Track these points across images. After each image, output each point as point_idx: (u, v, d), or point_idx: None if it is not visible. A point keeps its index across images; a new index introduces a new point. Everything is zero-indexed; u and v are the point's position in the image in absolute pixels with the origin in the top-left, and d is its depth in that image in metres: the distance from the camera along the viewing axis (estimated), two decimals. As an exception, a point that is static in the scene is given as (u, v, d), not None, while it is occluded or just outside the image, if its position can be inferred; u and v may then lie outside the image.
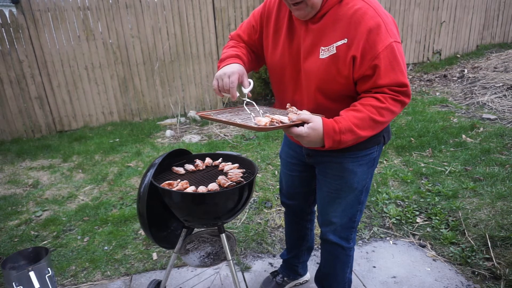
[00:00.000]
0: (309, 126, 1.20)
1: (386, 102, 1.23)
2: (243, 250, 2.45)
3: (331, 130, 1.21)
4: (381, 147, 1.50)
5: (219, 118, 1.36)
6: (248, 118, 1.35)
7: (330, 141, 1.22)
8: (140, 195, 1.55)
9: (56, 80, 5.29)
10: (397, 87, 1.23)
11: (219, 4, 5.65)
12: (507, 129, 4.06)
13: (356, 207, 1.56)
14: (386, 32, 1.20)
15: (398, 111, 1.27)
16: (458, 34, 7.45)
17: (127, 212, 2.91)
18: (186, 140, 4.65)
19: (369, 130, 1.25)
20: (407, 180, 3.19)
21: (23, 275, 1.88)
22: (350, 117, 1.22)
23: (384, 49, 1.19)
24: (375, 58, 1.19)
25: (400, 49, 1.23)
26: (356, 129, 1.22)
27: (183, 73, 5.81)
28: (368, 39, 1.19)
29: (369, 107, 1.23)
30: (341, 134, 1.21)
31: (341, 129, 1.21)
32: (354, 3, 1.24)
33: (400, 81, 1.22)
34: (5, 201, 3.27)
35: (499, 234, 2.34)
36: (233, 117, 1.38)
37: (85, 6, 5.19)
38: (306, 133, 1.20)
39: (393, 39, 1.21)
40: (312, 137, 1.21)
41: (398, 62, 1.21)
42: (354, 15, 1.22)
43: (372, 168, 1.51)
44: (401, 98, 1.25)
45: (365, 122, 1.22)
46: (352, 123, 1.21)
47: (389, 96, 1.23)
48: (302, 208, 1.87)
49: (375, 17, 1.20)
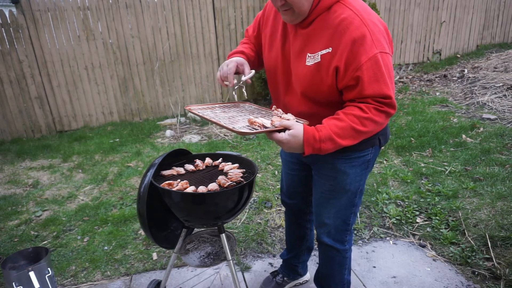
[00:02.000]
0: (290, 133, 1.21)
1: (369, 112, 1.22)
2: (243, 250, 2.45)
3: (311, 138, 1.22)
4: (377, 149, 1.49)
5: (204, 115, 1.38)
6: (236, 117, 1.36)
7: (310, 148, 1.23)
8: (140, 195, 1.55)
9: (56, 80, 5.29)
10: (381, 98, 1.22)
11: (219, 4, 5.65)
12: (507, 129, 4.05)
13: (350, 210, 1.55)
14: (372, 42, 1.18)
15: (382, 121, 1.26)
16: (458, 34, 7.45)
17: (127, 212, 2.91)
18: (186, 140, 4.65)
19: (350, 140, 1.25)
20: (407, 180, 3.19)
21: (23, 275, 1.88)
22: (332, 126, 1.23)
23: (367, 60, 1.17)
24: (358, 69, 1.18)
25: (386, 59, 1.21)
26: (336, 138, 1.22)
27: (183, 73, 5.81)
28: (352, 50, 1.18)
29: (351, 117, 1.22)
30: (321, 143, 1.22)
31: (321, 138, 1.22)
32: (341, 11, 1.23)
33: (384, 92, 1.21)
34: (5, 201, 3.27)
35: (499, 234, 2.34)
36: (221, 115, 1.42)
37: (85, 6, 5.19)
38: (286, 140, 1.21)
39: (379, 50, 1.18)
40: (292, 143, 1.22)
41: (382, 73, 1.19)
42: (340, 24, 1.21)
43: (366, 170, 1.50)
44: (385, 109, 1.24)
45: (346, 131, 1.22)
46: (333, 132, 1.22)
47: (372, 106, 1.22)
48: (302, 207, 1.88)
49: (361, 27, 1.18)
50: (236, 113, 1.47)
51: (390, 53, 1.25)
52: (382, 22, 1.29)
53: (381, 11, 6.44)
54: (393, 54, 1.32)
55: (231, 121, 1.33)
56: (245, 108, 1.56)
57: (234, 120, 1.35)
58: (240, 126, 1.27)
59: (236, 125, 1.27)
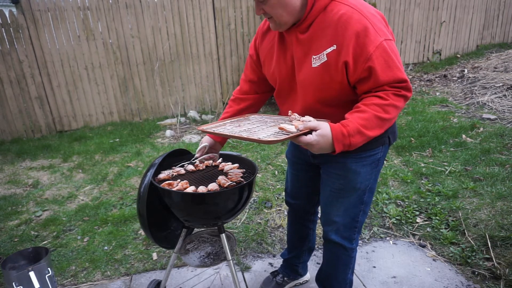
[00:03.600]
0: (318, 133, 1.19)
1: (389, 98, 1.22)
2: (243, 250, 2.45)
3: (340, 135, 1.20)
4: (387, 148, 1.49)
5: (224, 132, 1.34)
6: (251, 129, 1.35)
7: (341, 145, 1.21)
8: (140, 195, 1.55)
9: (56, 80, 5.29)
10: (397, 83, 1.22)
11: (219, 4, 5.65)
12: (507, 129, 4.05)
13: (359, 207, 1.55)
14: (375, 32, 1.19)
15: (402, 105, 1.26)
16: (458, 34, 7.45)
17: (127, 212, 2.91)
18: (186, 140, 4.65)
19: (377, 129, 1.24)
20: (407, 180, 3.19)
21: (23, 275, 1.88)
22: (356, 119, 1.22)
23: (375, 49, 1.18)
24: (368, 60, 1.19)
25: (392, 45, 1.22)
26: (364, 130, 1.21)
27: (183, 73, 5.81)
28: (358, 42, 1.19)
29: (373, 106, 1.22)
30: (350, 137, 1.20)
31: (349, 132, 1.20)
32: (338, 9, 1.23)
33: (399, 77, 1.22)
34: (5, 201, 3.27)
35: (499, 234, 2.34)
36: (235, 129, 1.38)
37: (85, 6, 5.19)
38: (315, 141, 1.19)
39: (383, 38, 1.19)
40: (322, 144, 1.20)
41: (392, 59, 1.20)
42: (340, 20, 1.21)
43: (376, 169, 1.50)
44: (403, 92, 1.24)
45: (372, 121, 1.21)
46: (360, 125, 1.21)
47: (391, 92, 1.22)
48: (306, 208, 1.87)
49: (361, 20, 1.19)
50: (251, 125, 1.43)
51: (393, 39, 1.25)
52: (380, 12, 1.30)
53: (381, 11, 6.43)
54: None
55: (251, 133, 1.29)
56: (256, 119, 1.54)
57: (254, 131, 1.32)
58: (264, 135, 1.23)
59: (258, 135, 1.24)
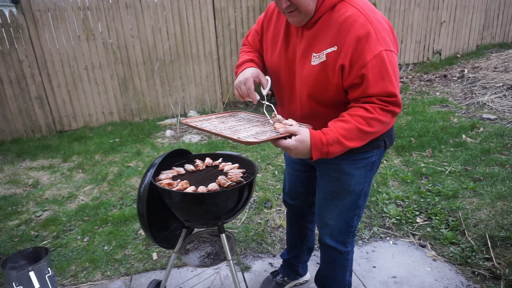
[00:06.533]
0: (297, 138, 1.20)
1: (374, 112, 1.20)
2: (243, 250, 2.45)
3: (319, 142, 1.20)
4: (382, 151, 1.48)
5: (203, 127, 1.36)
6: (235, 126, 1.36)
7: (318, 153, 1.21)
8: (140, 195, 1.55)
9: (56, 80, 5.29)
10: (386, 97, 1.20)
11: (219, 4, 5.65)
12: (507, 129, 4.05)
13: (354, 211, 1.54)
14: (377, 40, 1.17)
15: (388, 120, 1.24)
16: (458, 34, 7.45)
17: (127, 212, 2.91)
18: (186, 140, 4.65)
19: (357, 141, 1.23)
20: (407, 180, 3.19)
21: (23, 275, 1.88)
22: (338, 128, 1.21)
23: (372, 58, 1.16)
24: (363, 67, 1.17)
25: (392, 57, 1.19)
26: (343, 140, 1.21)
27: (183, 73, 5.81)
28: (357, 47, 1.17)
29: (357, 118, 1.21)
30: (328, 146, 1.21)
31: (328, 141, 1.20)
32: (345, 10, 1.22)
33: (389, 90, 1.19)
34: (5, 201, 3.27)
35: (499, 234, 2.34)
36: (220, 125, 1.39)
37: (85, 6, 5.19)
38: (294, 146, 1.20)
39: (384, 48, 1.17)
40: (300, 149, 1.21)
41: (387, 71, 1.18)
42: (345, 22, 1.20)
43: (371, 172, 1.50)
44: (391, 108, 1.22)
45: (353, 132, 1.21)
46: (340, 134, 1.20)
47: (378, 106, 1.21)
48: (303, 208, 1.88)
49: (366, 24, 1.17)
50: (235, 122, 1.45)
51: (395, 51, 1.23)
52: (387, 20, 1.28)
53: (381, 11, 6.43)
54: (397, 53, 1.30)
55: (232, 131, 1.31)
56: (242, 117, 1.56)
57: (236, 130, 1.33)
58: (244, 135, 1.25)
59: (239, 134, 1.25)
